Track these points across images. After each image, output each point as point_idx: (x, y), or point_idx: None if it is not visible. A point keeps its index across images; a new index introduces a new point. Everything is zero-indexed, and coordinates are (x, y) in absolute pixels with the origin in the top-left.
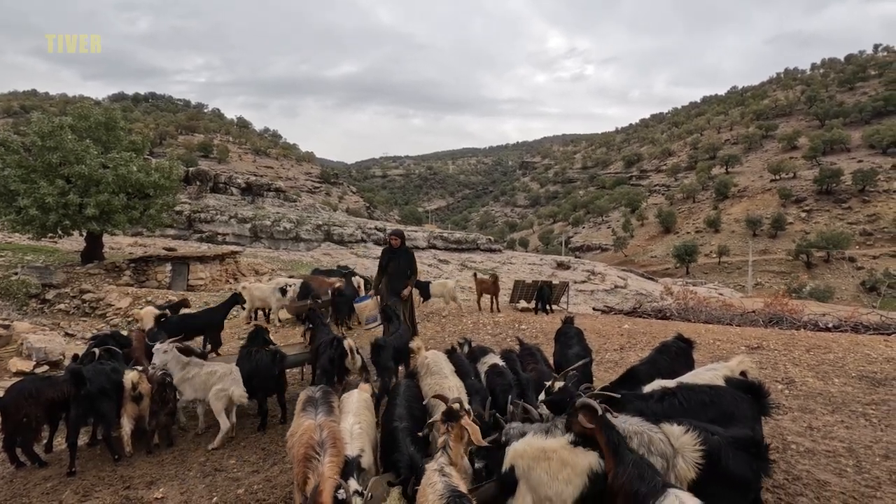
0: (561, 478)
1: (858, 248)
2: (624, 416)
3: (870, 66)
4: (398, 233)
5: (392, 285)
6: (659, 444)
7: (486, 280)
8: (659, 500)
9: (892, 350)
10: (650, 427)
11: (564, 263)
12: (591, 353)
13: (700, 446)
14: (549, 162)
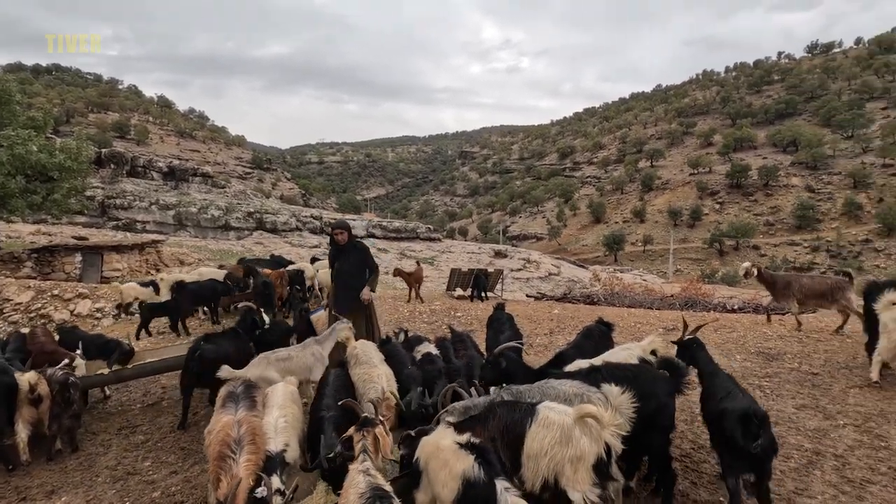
0: (440, 479)
1: (762, 236)
2: (564, 380)
3: (774, 72)
4: (342, 225)
5: (341, 291)
6: (600, 404)
7: (409, 269)
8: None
9: (785, 328)
10: (589, 388)
11: (502, 252)
12: (522, 338)
13: (634, 404)
14: (488, 152)
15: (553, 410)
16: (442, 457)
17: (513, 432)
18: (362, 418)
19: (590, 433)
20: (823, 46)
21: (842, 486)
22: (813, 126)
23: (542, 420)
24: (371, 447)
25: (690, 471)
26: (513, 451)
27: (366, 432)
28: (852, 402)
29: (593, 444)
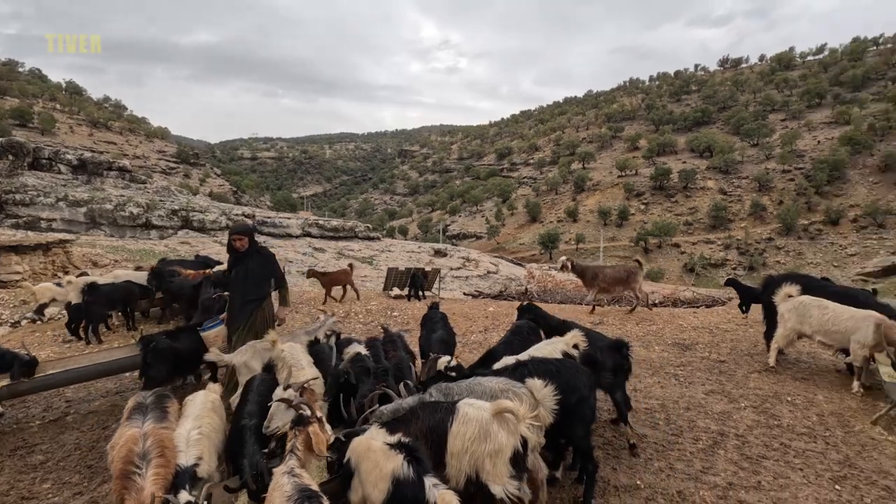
0: (371, 479)
1: (682, 235)
2: (491, 377)
3: (692, 82)
4: (242, 230)
5: (237, 303)
6: (525, 398)
7: (334, 272)
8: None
9: (698, 320)
10: (515, 384)
11: (441, 251)
12: (454, 336)
13: (556, 396)
14: (428, 151)
15: (472, 407)
16: (373, 458)
17: (435, 433)
18: (297, 415)
19: (507, 427)
20: (733, 61)
21: (741, 463)
22: (725, 134)
23: (461, 417)
24: (302, 446)
25: (612, 457)
26: (437, 450)
27: (298, 431)
28: (752, 385)
29: (510, 438)
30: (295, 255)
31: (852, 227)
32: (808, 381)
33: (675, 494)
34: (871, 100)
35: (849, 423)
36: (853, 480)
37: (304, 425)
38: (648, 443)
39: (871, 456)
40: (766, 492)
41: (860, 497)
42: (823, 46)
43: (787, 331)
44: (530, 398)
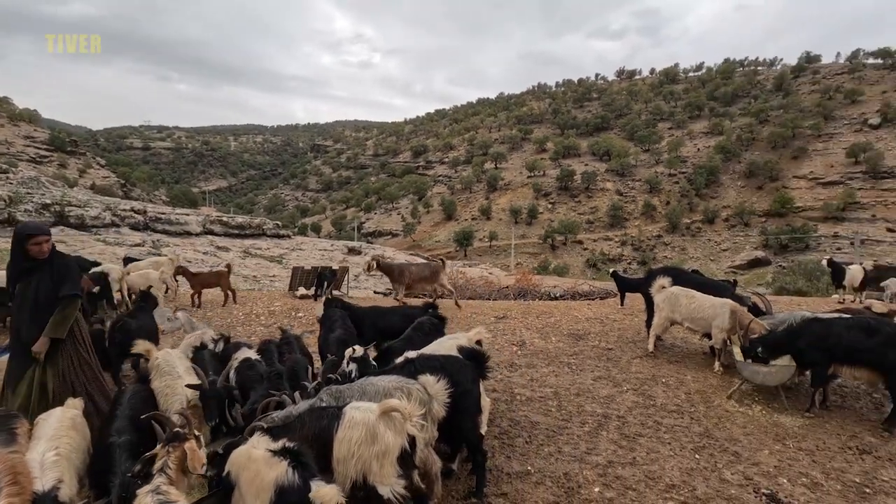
0: (252, 491)
1: (585, 233)
2: (383, 375)
3: (593, 90)
4: (35, 229)
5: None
6: (418, 394)
7: (204, 273)
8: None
9: (592, 311)
10: (408, 381)
11: (356, 249)
12: (355, 335)
13: (449, 390)
14: (342, 147)
15: (358, 410)
16: (254, 467)
17: (321, 440)
18: (170, 433)
19: (394, 427)
20: (628, 73)
21: (620, 442)
22: (621, 139)
23: (347, 422)
24: (175, 464)
25: (506, 446)
26: (323, 458)
27: (172, 447)
28: (634, 370)
29: (397, 437)
30: (195, 254)
31: (725, 225)
32: (680, 363)
33: (562, 476)
34: (738, 114)
35: (710, 399)
36: (710, 449)
37: (178, 441)
38: (541, 429)
39: (726, 427)
40: (640, 466)
41: (714, 463)
42: (702, 65)
43: (662, 319)
44: (423, 394)
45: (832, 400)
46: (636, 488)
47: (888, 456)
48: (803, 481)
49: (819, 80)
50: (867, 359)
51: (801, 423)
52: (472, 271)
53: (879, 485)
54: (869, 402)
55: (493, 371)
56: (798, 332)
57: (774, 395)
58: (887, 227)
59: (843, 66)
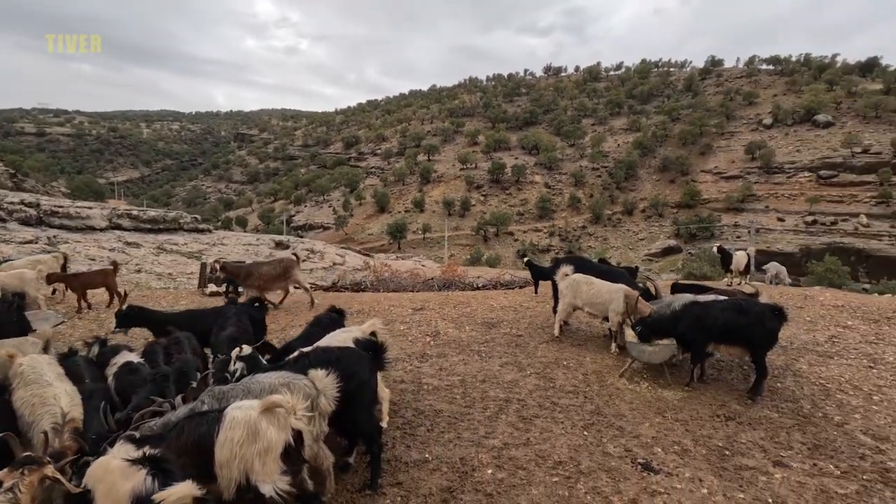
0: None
1: (516, 224)
2: (271, 373)
3: (522, 85)
4: None
5: None
6: (305, 389)
7: (86, 273)
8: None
9: (507, 300)
10: (295, 377)
11: (284, 243)
12: (250, 333)
13: (339, 384)
14: (269, 136)
15: (240, 409)
16: (109, 480)
17: (201, 447)
18: (26, 455)
19: (277, 422)
20: (555, 69)
21: (517, 424)
22: (549, 134)
23: (228, 423)
24: (28, 489)
25: (408, 436)
26: (204, 465)
27: (27, 470)
28: (539, 354)
29: (281, 433)
30: (99, 251)
31: (642, 216)
32: (581, 346)
33: (458, 461)
34: (653, 112)
35: (604, 379)
36: (598, 426)
37: (34, 466)
38: (443, 417)
39: (615, 403)
40: (533, 446)
41: (600, 438)
42: (621, 64)
43: (566, 305)
44: (310, 389)
45: (709, 374)
46: (526, 467)
47: (748, 421)
48: (675, 449)
49: (722, 82)
50: (738, 337)
51: (681, 395)
52: (405, 264)
53: (738, 447)
54: (739, 373)
55: (405, 362)
56: (680, 315)
57: (660, 372)
58: (777, 216)
59: (742, 71)
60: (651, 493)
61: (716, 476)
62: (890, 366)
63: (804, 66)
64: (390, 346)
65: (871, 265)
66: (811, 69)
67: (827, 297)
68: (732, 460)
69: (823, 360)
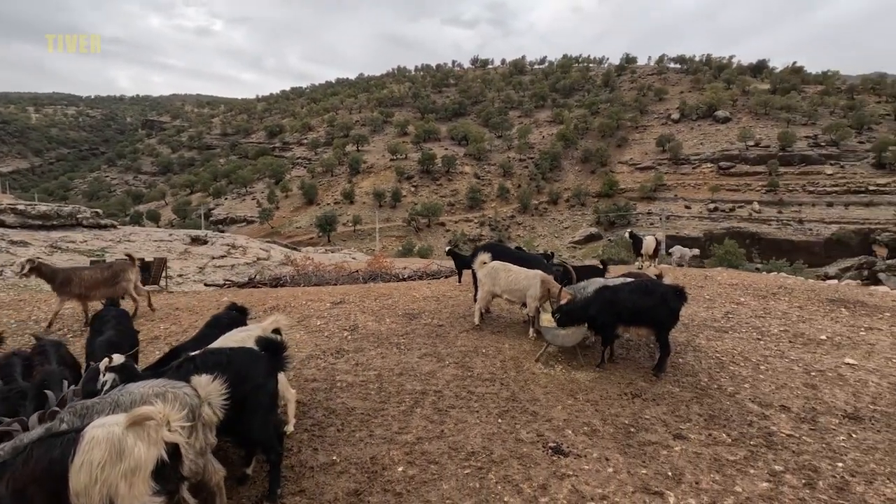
0: None
1: (447, 215)
2: (147, 381)
3: (450, 76)
4: None
5: None
6: (183, 398)
7: None
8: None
9: (430, 291)
10: (174, 384)
11: (201, 238)
12: (133, 338)
13: (225, 391)
14: (182, 124)
15: (102, 426)
16: None
17: (53, 475)
18: None
19: (147, 437)
20: (482, 62)
21: (432, 417)
22: (477, 125)
23: (87, 444)
24: None
25: (316, 438)
26: (57, 496)
27: None
28: (459, 343)
29: (151, 449)
30: None
31: (566, 205)
32: (501, 333)
33: (368, 461)
34: (575, 105)
35: (521, 365)
36: (513, 412)
37: None
38: (356, 415)
39: (530, 388)
40: (447, 438)
41: (514, 424)
42: (545, 58)
43: (485, 293)
44: (192, 397)
45: (618, 353)
46: (439, 461)
47: (653, 397)
48: (585, 430)
49: (636, 79)
50: (645, 317)
51: (593, 377)
52: (334, 256)
53: (642, 423)
54: (646, 352)
55: (319, 359)
56: (591, 300)
57: (574, 355)
58: (685, 204)
59: (654, 69)
60: (560, 477)
61: (621, 454)
62: (774, 337)
63: (706, 65)
64: (305, 342)
65: (763, 247)
66: (712, 69)
67: (724, 277)
68: (637, 436)
69: (720, 335)
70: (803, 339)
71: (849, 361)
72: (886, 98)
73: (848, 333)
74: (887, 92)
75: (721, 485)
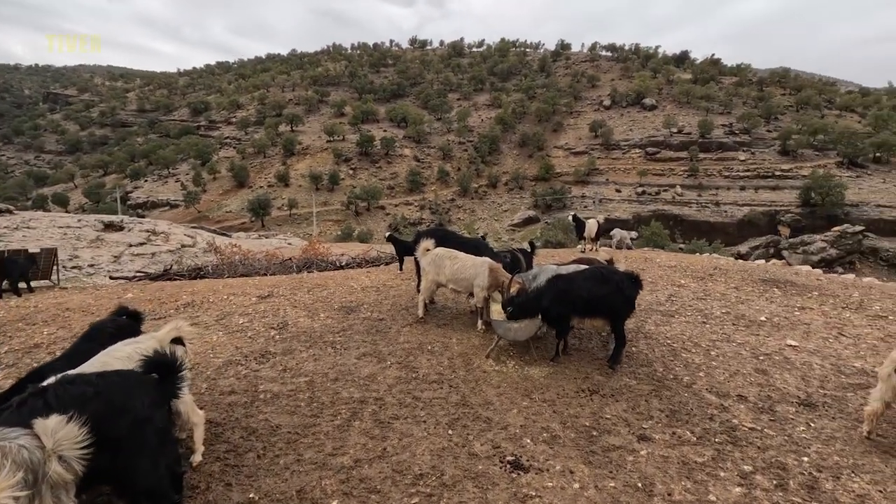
0: None
1: (387, 198)
2: None
3: (388, 56)
4: None
5: None
6: (20, 455)
7: None
8: None
9: (370, 280)
10: (5, 434)
11: (115, 224)
12: None
13: (86, 437)
14: (92, 98)
15: None
16: None
17: None
18: None
19: None
20: (420, 42)
21: (373, 432)
22: (416, 107)
23: None
24: None
25: (230, 468)
26: None
27: None
28: (402, 340)
29: None
30: None
31: (505, 189)
32: (447, 326)
33: (294, 495)
34: (513, 89)
35: (471, 362)
36: (464, 420)
37: None
38: (281, 434)
39: (482, 390)
40: (390, 458)
41: (466, 436)
42: (483, 41)
43: (428, 283)
44: (32, 451)
45: (572, 344)
46: (381, 489)
47: (611, 392)
48: (544, 437)
49: (570, 65)
50: (601, 307)
51: (547, 372)
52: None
53: (603, 424)
54: (598, 341)
55: (239, 366)
56: (544, 290)
57: (526, 349)
58: (616, 188)
59: (587, 56)
60: (522, 500)
61: (586, 464)
62: (718, 320)
63: (634, 54)
64: (223, 346)
65: (685, 228)
66: (640, 58)
67: (662, 259)
68: (600, 441)
69: (667, 320)
70: (745, 321)
71: (791, 343)
72: (790, 91)
73: (784, 314)
74: (790, 85)
75: (694, 493)
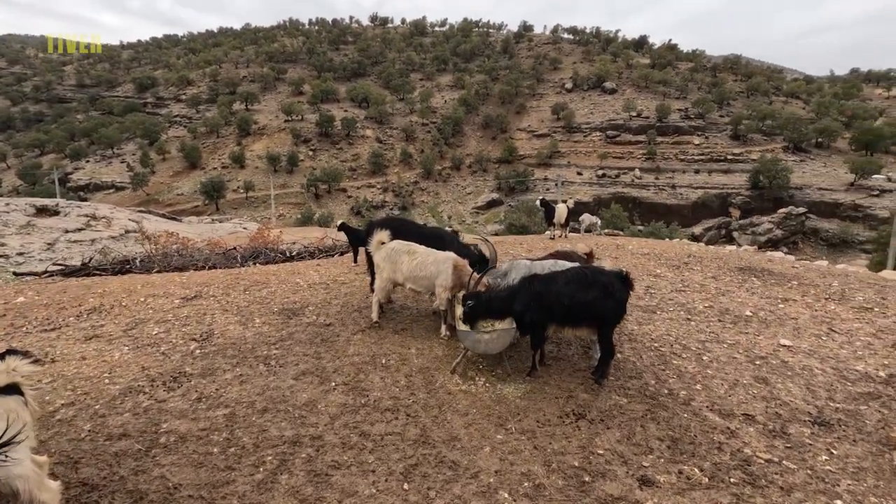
0: None
1: (348, 180)
2: None
3: (348, 33)
4: None
5: None
6: None
7: None
8: None
9: (318, 274)
10: None
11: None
12: None
13: None
14: (25, 71)
15: None
16: None
17: None
18: None
19: None
20: (381, 20)
21: (304, 490)
22: (378, 87)
23: None
24: None
25: None
26: None
27: None
28: (352, 351)
29: None
30: None
31: (469, 171)
32: (406, 332)
33: None
34: (476, 70)
35: (433, 380)
36: (424, 466)
37: None
38: (180, 501)
39: (446, 419)
40: None
41: (426, 490)
42: (446, 21)
43: (383, 282)
44: None
45: (549, 350)
46: None
47: (600, 416)
48: (526, 488)
49: (533, 47)
50: (586, 315)
51: (523, 390)
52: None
53: (596, 463)
54: (578, 348)
55: (139, 394)
56: (516, 292)
57: (498, 361)
58: (577, 171)
59: (549, 38)
60: None
61: None
62: (703, 316)
63: (595, 38)
64: (125, 366)
65: (643, 210)
66: (601, 41)
67: (634, 245)
68: (594, 490)
69: (649, 317)
70: (731, 317)
71: (784, 343)
72: (741, 77)
73: (769, 307)
74: (742, 72)
75: None
